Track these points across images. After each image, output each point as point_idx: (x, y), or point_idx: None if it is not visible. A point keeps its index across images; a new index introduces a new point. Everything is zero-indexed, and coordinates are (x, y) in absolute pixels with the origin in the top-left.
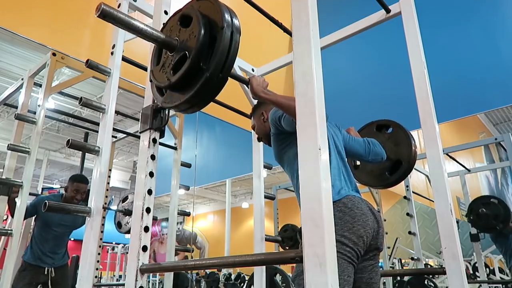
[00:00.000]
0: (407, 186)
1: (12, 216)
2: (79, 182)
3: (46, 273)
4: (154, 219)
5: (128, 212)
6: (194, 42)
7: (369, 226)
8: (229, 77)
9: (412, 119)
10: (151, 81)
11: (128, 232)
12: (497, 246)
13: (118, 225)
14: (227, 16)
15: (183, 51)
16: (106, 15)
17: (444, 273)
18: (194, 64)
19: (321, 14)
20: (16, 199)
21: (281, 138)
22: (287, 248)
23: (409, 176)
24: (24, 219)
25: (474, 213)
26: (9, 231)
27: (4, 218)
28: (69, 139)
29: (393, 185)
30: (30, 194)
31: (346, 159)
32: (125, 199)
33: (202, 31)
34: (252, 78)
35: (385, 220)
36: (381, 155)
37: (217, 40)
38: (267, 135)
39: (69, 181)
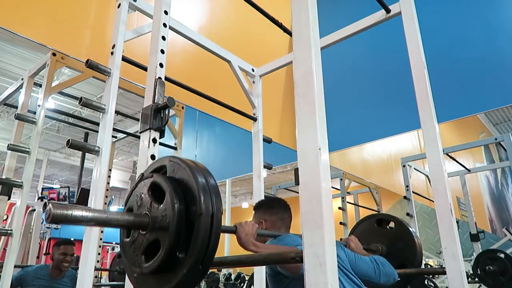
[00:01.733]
0: (407, 186)
1: None
2: (66, 244)
3: None
4: None
5: (123, 272)
6: (168, 229)
7: None
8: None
9: (412, 119)
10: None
11: None
12: None
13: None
14: (206, 193)
15: (155, 233)
16: (58, 220)
17: (444, 273)
18: (168, 255)
19: (321, 14)
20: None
21: (278, 279)
22: None
23: (409, 176)
24: None
25: (480, 268)
26: (9, 231)
27: (4, 218)
28: (69, 139)
29: None
30: (15, 266)
31: (359, 280)
32: (120, 255)
33: (176, 221)
34: (240, 227)
35: None
36: (393, 276)
37: (195, 227)
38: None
39: (54, 246)
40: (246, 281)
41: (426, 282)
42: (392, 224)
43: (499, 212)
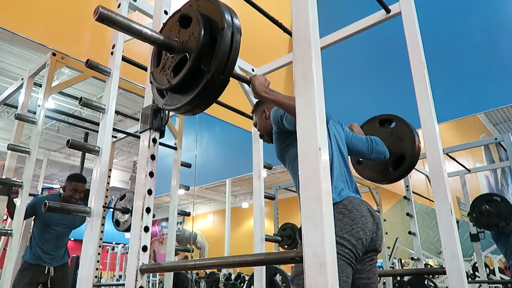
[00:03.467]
0: (407, 186)
1: (12, 218)
2: (77, 181)
3: (46, 272)
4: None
5: (125, 210)
6: (194, 44)
7: (368, 228)
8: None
9: (412, 119)
10: (151, 82)
11: (127, 230)
12: (498, 246)
13: (116, 223)
14: (227, 16)
15: (183, 52)
16: (104, 18)
17: (444, 273)
18: (195, 66)
19: (321, 14)
20: (15, 200)
21: (283, 137)
22: (286, 246)
23: (409, 176)
24: (23, 219)
25: (476, 210)
26: (9, 231)
27: (4, 218)
28: (69, 139)
29: (396, 180)
30: (29, 194)
31: (348, 159)
32: (122, 197)
33: (202, 32)
34: (254, 77)
35: (385, 220)
36: (384, 154)
37: (217, 41)
38: (269, 132)
39: (67, 180)
40: (246, 281)
41: (426, 282)
42: (393, 125)
43: None
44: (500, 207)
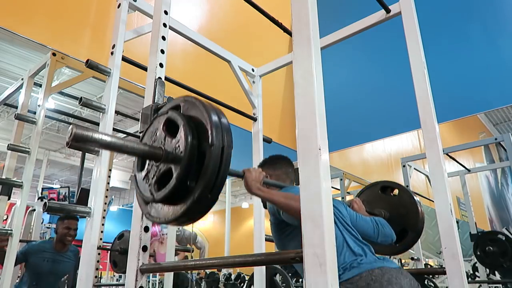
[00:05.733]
0: (407, 186)
1: (2, 264)
2: (70, 219)
3: None
4: None
5: (124, 251)
6: (180, 159)
7: None
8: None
9: (412, 119)
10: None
11: (125, 272)
12: (506, 282)
13: (114, 264)
14: (217, 128)
15: (168, 163)
16: (79, 140)
17: (444, 273)
18: (180, 183)
19: (321, 14)
20: (6, 248)
21: (281, 227)
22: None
23: (409, 176)
24: (14, 266)
25: (480, 249)
26: (9, 231)
27: (4, 218)
28: None
29: (399, 253)
30: (20, 241)
31: (359, 235)
32: (120, 236)
33: (188, 150)
34: (247, 171)
35: None
36: (391, 237)
37: (206, 157)
38: None
39: (58, 221)
40: (246, 281)
41: (426, 282)
42: (396, 192)
43: (499, 212)
44: (504, 246)
